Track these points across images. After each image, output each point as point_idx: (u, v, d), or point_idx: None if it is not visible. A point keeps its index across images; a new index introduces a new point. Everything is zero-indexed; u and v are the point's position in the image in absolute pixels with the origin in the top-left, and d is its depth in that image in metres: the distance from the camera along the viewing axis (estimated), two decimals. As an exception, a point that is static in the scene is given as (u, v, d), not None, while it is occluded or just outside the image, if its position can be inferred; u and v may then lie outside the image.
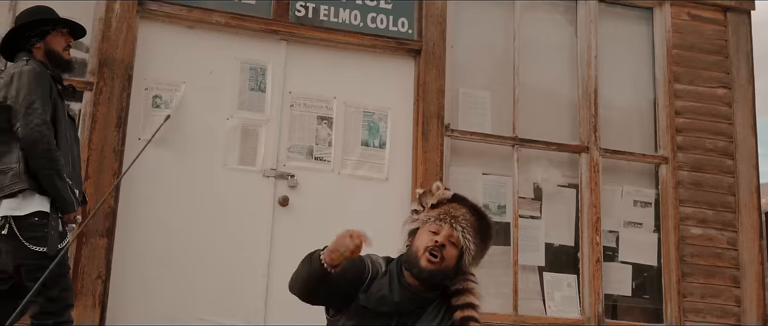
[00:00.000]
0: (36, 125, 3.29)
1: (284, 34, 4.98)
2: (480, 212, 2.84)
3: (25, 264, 3.29)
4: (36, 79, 3.35)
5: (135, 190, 4.53)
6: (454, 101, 5.17)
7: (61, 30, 3.65)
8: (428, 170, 4.87)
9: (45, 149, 3.27)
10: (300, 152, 4.88)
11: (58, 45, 3.61)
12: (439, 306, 2.74)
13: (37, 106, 3.33)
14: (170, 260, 4.52)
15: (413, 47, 5.13)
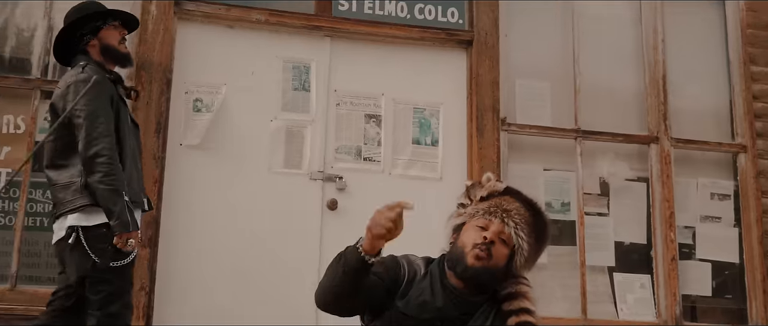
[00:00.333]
0: (96, 139, 3.14)
1: (328, 29, 4.74)
2: (536, 207, 2.53)
3: (90, 277, 3.16)
4: (94, 88, 3.15)
5: (177, 197, 4.34)
6: (510, 94, 4.85)
7: (112, 23, 3.50)
8: (484, 167, 4.55)
9: (105, 166, 3.12)
10: (348, 152, 4.62)
11: (112, 39, 3.47)
12: (487, 310, 2.41)
13: (100, 118, 3.18)
14: (215, 268, 4.31)
15: (464, 38, 4.83)
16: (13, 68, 4.43)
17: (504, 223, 2.39)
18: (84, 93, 3.12)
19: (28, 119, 4.32)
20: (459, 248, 2.43)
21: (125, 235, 3.13)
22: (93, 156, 3.13)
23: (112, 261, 3.11)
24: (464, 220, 2.53)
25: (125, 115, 3.38)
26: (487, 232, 2.38)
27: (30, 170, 4.24)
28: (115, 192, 3.12)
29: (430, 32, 4.82)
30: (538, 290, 4.55)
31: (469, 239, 2.40)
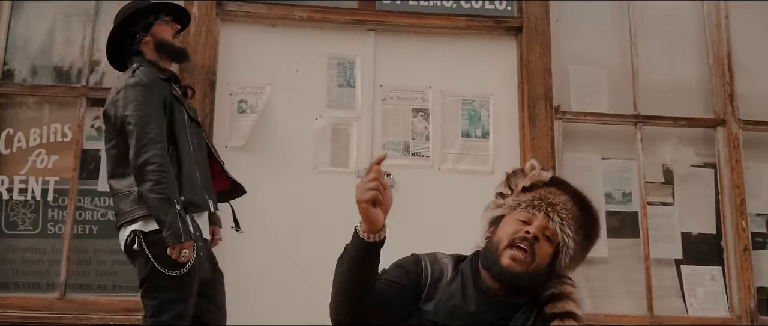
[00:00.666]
0: (146, 146, 3.05)
1: (371, 23, 4.61)
2: (585, 201, 2.27)
3: (147, 282, 3.10)
4: (144, 93, 3.11)
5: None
6: (563, 81, 4.63)
7: (164, 18, 3.42)
8: (538, 158, 4.33)
9: (155, 174, 3.02)
10: (395, 148, 4.48)
11: (166, 34, 3.39)
12: (528, 312, 2.15)
13: (151, 123, 3.08)
14: (261, 269, 4.23)
15: (513, 25, 4.64)
16: (59, 77, 4.45)
17: (549, 218, 2.14)
18: (134, 98, 3.06)
19: (74, 127, 4.32)
20: (495, 244, 2.17)
21: (178, 246, 3.01)
22: (143, 164, 3.03)
23: (168, 269, 3.03)
24: (503, 212, 2.27)
25: (181, 115, 3.28)
26: (529, 226, 2.13)
27: (77, 179, 4.25)
28: (166, 201, 3.00)
29: (477, 21, 4.63)
30: (599, 285, 4.39)
31: (507, 234, 2.15)
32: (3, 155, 4.30)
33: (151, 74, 3.23)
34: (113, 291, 4.18)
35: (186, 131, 3.26)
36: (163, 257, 3.02)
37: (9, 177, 4.27)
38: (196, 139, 3.34)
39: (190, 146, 3.25)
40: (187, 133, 3.26)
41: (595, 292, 4.37)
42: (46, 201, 4.26)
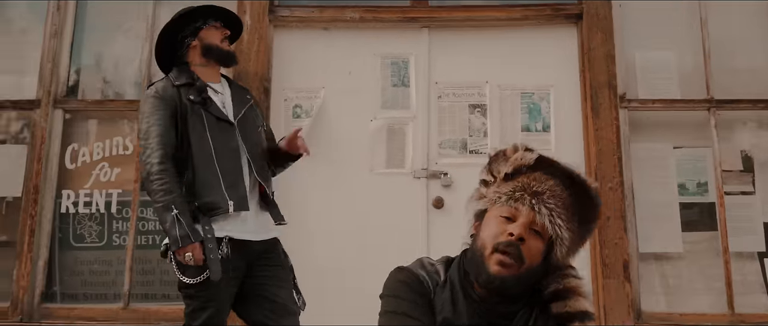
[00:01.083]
0: (145, 157, 3.03)
1: (424, 20, 4.50)
2: (578, 181, 1.95)
3: (179, 289, 3.10)
4: (151, 106, 3.10)
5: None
6: (629, 67, 4.39)
7: (213, 23, 3.39)
8: (602, 150, 4.14)
9: (155, 183, 2.98)
10: (452, 146, 4.36)
11: (214, 38, 3.34)
12: (526, 314, 1.90)
13: (151, 135, 3.06)
14: (319, 272, 4.16)
15: (572, 12, 4.43)
16: (118, 92, 4.55)
17: (535, 211, 1.84)
18: (143, 112, 3.09)
19: (134, 139, 4.41)
20: (479, 248, 1.88)
21: (181, 250, 2.95)
22: (146, 176, 3.04)
23: (188, 278, 3.01)
24: (485, 206, 1.99)
25: (198, 118, 3.16)
26: (513, 225, 1.84)
27: (139, 190, 4.33)
28: (164, 209, 2.96)
29: (533, 10, 4.46)
30: (674, 282, 4.12)
31: (491, 237, 1.86)
32: (69, 170, 4.43)
33: (164, 86, 3.21)
34: (176, 300, 4.21)
35: (206, 133, 3.16)
36: (183, 265, 3.00)
37: (75, 191, 4.39)
38: (224, 138, 3.22)
39: (211, 148, 3.15)
40: (208, 135, 3.17)
41: (670, 289, 4.11)
42: (111, 213, 4.36)
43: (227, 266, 3.02)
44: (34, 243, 4.24)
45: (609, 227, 4.02)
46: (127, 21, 4.65)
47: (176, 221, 2.93)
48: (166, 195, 2.96)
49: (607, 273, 3.94)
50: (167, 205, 2.94)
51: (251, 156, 3.19)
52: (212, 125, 3.18)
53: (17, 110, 4.51)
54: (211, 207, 3.03)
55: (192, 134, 3.09)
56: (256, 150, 3.25)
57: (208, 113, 3.20)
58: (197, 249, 2.94)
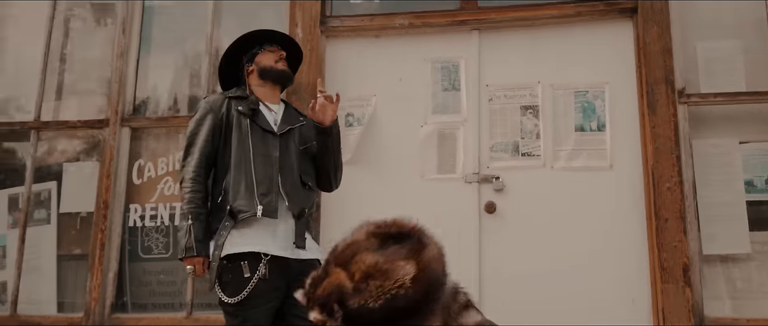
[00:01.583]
0: (184, 166, 3.18)
1: (474, 22, 4.45)
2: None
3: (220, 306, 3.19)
4: (201, 114, 3.27)
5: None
6: (689, 60, 4.19)
7: (268, 47, 3.52)
8: (659, 148, 3.96)
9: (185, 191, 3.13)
10: (504, 150, 4.28)
11: (269, 60, 3.48)
12: None
13: (190, 145, 3.21)
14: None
15: (627, 6, 4.27)
16: (181, 109, 4.72)
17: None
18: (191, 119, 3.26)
19: (195, 153, 4.57)
20: None
21: (185, 261, 3.07)
22: (181, 181, 3.19)
23: (227, 296, 3.05)
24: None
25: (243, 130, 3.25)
26: None
27: (200, 202, 4.47)
28: (183, 217, 3.14)
29: (586, 6, 4.32)
30: (742, 286, 3.91)
31: None
32: (136, 185, 4.64)
33: (215, 97, 3.36)
34: (238, 308, 4.35)
35: (248, 141, 3.24)
36: (227, 283, 3.05)
37: (141, 205, 4.60)
38: (265, 149, 3.27)
39: (251, 155, 3.22)
40: (250, 143, 3.24)
41: (737, 294, 3.89)
42: (175, 226, 4.54)
43: (265, 285, 3.05)
44: (104, 256, 4.46)
45: (667, 229, 3.84)
46: (188, 40, 4.82)
47: (188, 231, 3.05)
48: (188, 204, 3.10)
49: (666, 278, 3.78)
50: (186, 214, 3.09)
51: (284, 170, 3.25)
52: (256, 134, 3.27)
53: (88, 129, 4.77)
54: (240, 210, 3.08)
55: (234, 141, 3.20)
56: (291, 165, 3.31)
57: (254, 123, 3.30)
58: (200, 264, 3.04)
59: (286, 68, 3.52)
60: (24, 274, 4.58)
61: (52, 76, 4.93)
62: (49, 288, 4.58)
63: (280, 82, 3.52)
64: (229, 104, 3.31)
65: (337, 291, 1.78)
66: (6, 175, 4.85)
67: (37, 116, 4.82)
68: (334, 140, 3.45)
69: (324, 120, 3.36)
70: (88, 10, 5.02)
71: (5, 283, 4.62)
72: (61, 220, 4.70)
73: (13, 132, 4.88)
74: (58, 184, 4.76)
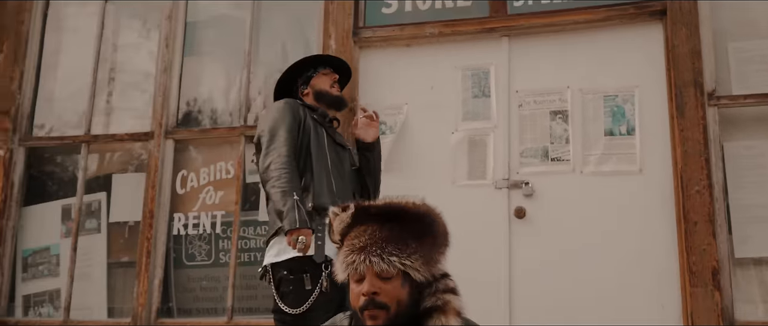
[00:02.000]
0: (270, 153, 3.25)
1: (503, 29, 4.48)
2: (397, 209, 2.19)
3: (274, 312, 3.30)
4: (277, 112, 3.38)
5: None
6: (721, 62, 4.15)
7: (322, 70, 3.69)
8: (687, 151, 3.94)
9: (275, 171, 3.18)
10: (534, 155, 4.31)
11: (324, 84, 3.65)
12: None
13: (278, 134, 3.29)
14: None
15: (656, 9, 4.25)
16: (221, 121, 4.90)
17: (371, 264, 2.06)
18: (267, 117, 3.36)
19: (235, 163, 4.74)
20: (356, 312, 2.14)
21: (295, 232, 3.08)
22: (266, 167, 3.24)
23: (287, 307, 3.16)
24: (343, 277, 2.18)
25: (320, 134, 3.44)
26: (362, 285, 2.08)
27: (239, 211, 4.64)
28: (284, 194, 3.12)
29: (615, 10, 4.31)
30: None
31: (354, 302, 2.12)
32: (179, 195, 4.83)
33: (294, 101, 3.50)
34: (277, 313, 4.50)
35: (325, 147, 3.43)
36: (287, 294, 3.17)
37: (185, 214, 4.79)
38: (337, 157, 3.48)
39: (328, 160, 3.40)
40: (326, 149, 3.43)
41: (775, 297, 3.86)
42: (216, 234, 4.71)
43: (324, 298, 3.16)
44: (150, 263, 4.66)
45: (696, 232, 3.82)
46: (226, 54, 5.00)
47: (296, 206, 3.09)
48: (289, 183, 3.15)
49: (695, 282, 3.76)
50: (289, 191, 3.13)
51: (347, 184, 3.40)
52: (330, 145, 3.45)
53: (134, 141, 4.98)
54: (324, 208, 3.18)
55: (313, 144, 3.35)
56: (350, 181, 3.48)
57: (328, 133, 3.45)
58: (309, 235, 3.09)
59: (340, 93, 3.66)
60: (76, 281, 4.82)
61: (101, 91, 5.16)
62: (99, 294, 4.81)
63: (334, 106, 3.67)
64: (305, 110, 3.46)
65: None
66: (59, 186, 5.12)
67: (87, 130, 5.07)
68: (376, 156, 3.60)
69: (366, 137, 3.51)
70: (134, 27, 5.24)
71: (59, 290, 4.88)
72: (111, 229, 4.93)
73: (65, 146, 5.14)
74: (107, 194, 4.99)
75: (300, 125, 3.38)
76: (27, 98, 5.22)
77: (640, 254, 3.98)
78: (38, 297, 4.96)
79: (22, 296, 4.98)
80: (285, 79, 3.74)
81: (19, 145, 5.13)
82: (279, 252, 3.26)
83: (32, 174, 5.17)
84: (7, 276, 4.99)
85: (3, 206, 5.01)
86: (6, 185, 5.05)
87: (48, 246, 5.01)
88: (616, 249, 4.02)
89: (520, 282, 4.12)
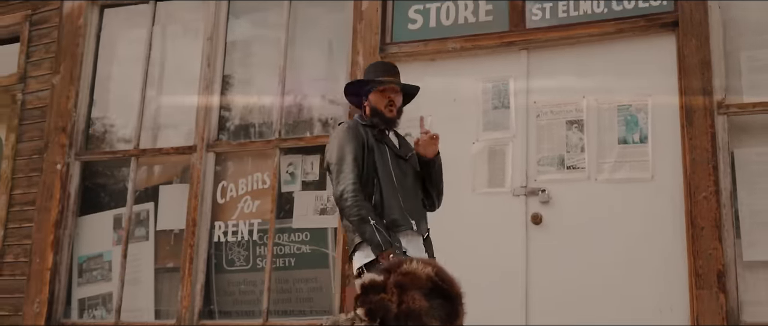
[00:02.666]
0: (341, 181, 3.50)
1: (522, 43, 4.70)
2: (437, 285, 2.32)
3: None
4: (341, 139, 3.62)
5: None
6: (733, 70, 4.27)
7: (379, 88, 3.84)
8: (696, 159, 4.08)
9: (349, 200, 3.44)
10: (550, 163, 4.50)
11: (379, 103, 3.81)
12: None
13: (345, 161, 3.54)
14: (426, 294, 4.52)
15: (668, 20, 4.40)
16: (257, 134, 5.22)
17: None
18: (333, 146, 3.61)
19: (271, 174, 5.05)
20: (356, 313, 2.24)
21: (383, 255, 3.34)
22: (339, 195, 3.49)
23: None
24: None
25: (383, 153, 3.66)
26: None
27: (275, 219, 4.95)
28: (362, 221, 3.41)
29: (628, 23, 4.48)
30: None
31: None
32: (219, 204, 5.17)
33: (354, 124, 3.73)
34: (310, 314, 4.79)
35: (389, 165, 3.65)
36: None
37: (224, 222, 5.12)
38: (401, 171, 3.70)
39: (393, 177, 3.63)
40: (391, 167, 3.65)
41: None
42: (253, 240, 5.03)
43: None
44: (193, 269, 5.01)
45: (702, 237, 3.96)
46: (262, 72, 5.33)
47: (376, 230, 3.37)
48: (362, 210, 3.42)
49: (700, 284, 3.90)
50: (364, 218, 3.41)
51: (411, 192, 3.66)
52: (393, 159, 3.69)
53: (179, 154, 5.35)
54: (396, 224, 3.48)
55: (378, 163, 3.59)
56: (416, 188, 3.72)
57: (389, 148, 3.71)
58: (393, 252, 3.35)
59: (394, 113, 3.85)
60: (126, 285, 5.21)
61: (149, 107, 5.55)
62: (147, 298, 5.18)
63: (384, 126, 3.90)
64: (365, 130, 3.70)
65: (383, 309, 2.19)
66: (111, 197, 5.52)
67: (137, 144, 5.46)
68: (437, 169, 3.84)
69: (427, 154, 3.76)
70: (178, 48, 5.61)
71: (111, 294, 5.27)
72: (158, 237, 5.30)
73: (116, 160, 5.54)
74: (155, 204, 5.37)
75: (363, 146, 3.62)
76: (82, 115, 5.65)
77: (652, 258, 4.13)
78: (92, 300, 5.36)
79: (78, 299, 5.40)
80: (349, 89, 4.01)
81: (74, 159, 5.56)
82: (367, 255, 3.47)
83: (87, 186, 5.59)
84: (64, 281, 5.41)
85: (60, 216, 5.43)
86: (63, 196, 5.47)
87: (101, 253, 5.41)
88: (627, 253, 4.17)
89: (538, 286, 4.31)
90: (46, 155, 5.57)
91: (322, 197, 4.98)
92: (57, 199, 5.47)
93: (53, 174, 5.52)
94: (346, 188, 3.45)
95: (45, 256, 5.39)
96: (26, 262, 5.46)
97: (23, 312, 5.34)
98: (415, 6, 5.02)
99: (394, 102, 3.82)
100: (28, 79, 5.83)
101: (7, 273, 5.55)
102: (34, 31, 5.90)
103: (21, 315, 5.36)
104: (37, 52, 5.87)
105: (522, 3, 4.75)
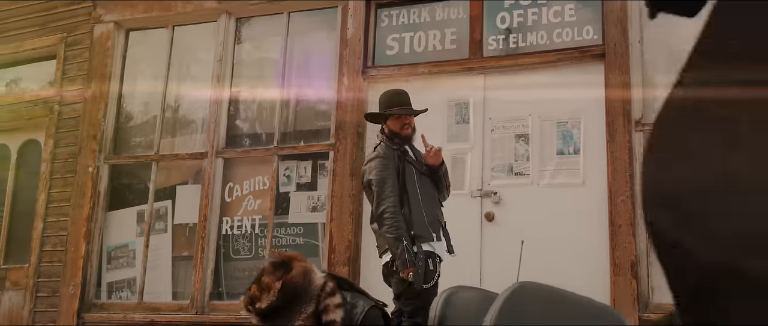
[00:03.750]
0: (383, 201, 4.28)
1: (480, 68, 5.60)
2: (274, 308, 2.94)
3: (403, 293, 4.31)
4: (381, 163, 4.40)
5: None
6: (649, 94, 5.14)
7: (395, 115, 4.58)
8: (616, 169, 4.98)
9: (388, 220, 4.22)
10: (501, 170, 5.41)
11: (395, 126, 4.57)
12: None
13: (386, 184, 4.32)
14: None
15: (597, 52, 5.29)
16: (259, 143, 6.15)
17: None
18: (374, 167, 4.40)
19: (270, 178, 5.97)
20: None
21: (406, 270, 4.15)
22: (381, 213, 4.29)
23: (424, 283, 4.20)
24: None
25: (411, 173, 4.45)
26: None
27: (273, 216, 5.88)
28: (397, 239, 4.19)
29: (565, 53, 5.38)
30: None
31: None
32: (227, 202, 6.10)
33: (387, 150, 4.50)
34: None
35: (415, 183, 4.45)
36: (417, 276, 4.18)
37: (231, 218, 6.06)
38: (424, 188, 4.48)
39: (419, 195, 4.44)
40: (416, 185, 4.45)
41: None
42: (255, 233, 5.96)
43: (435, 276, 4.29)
44: (204, 257, 5.94)
45: (620, 233, 4.87)
46: (264, 89, 6.25)
47: (406, 250, 4.16)
48: (398, 230, 4.21)
49: (617, 272, 4.80)
50: (399, 237, 4.20)
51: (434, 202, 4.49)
52: (418, 176, 4.48)
53: (192, 159, 6.28)
54: (420, 236, 4.29)
55: (407, 182, 4.40)
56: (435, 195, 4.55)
57: (414, 167, 4.50)
58: (414, 270, 4.18)
59: (409, 131, 4.57)
60: (148, 271, 6.16)
61: (167, 119, 6.49)
62: (165, 282, 6.13)
63: (403, 143, 4.67)
64: (394, 153, 4.46)
65: (249, 299, 3.07)
66: (134, 196, 6.46)
67: (157, 150, 6.39)
68: (443, 172, 4.63)
69: (435, 163, 4.58)
70: (192, 69, 6.54)
71: (135, 278, 6.23)
72: (175, 229, 6.24)
73: (139, 163, 6.49)
74: (172, 202, 6.30)
75: (396, 168, 4.41)
76: (110, 125, 6.59)
77: (581, 250, 5.03)
78: (119, 284, 6.31)
79: (107, 283, 6.36)
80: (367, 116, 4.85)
81: (104, 163, 6.50)
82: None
83: (114, 186, 6.54)
84: (95, 267, 6.36)
85: (92, 211, 6.38)
86: (94, 194, 6.41)
87: (126, 243, 6.36)
88: (563, 246, 5.08)
89: (490, 274, 5.22)
90: (80, 159, 6.52)
91: (313, 197, 5.91)
92: (89, 197, 6.41)
93: (85, 175, 6.46)
94: (387, 209, 4.26)
95: (79, 246, 6.34)
96: (62, 251, 6.41)
97: (60, 293, 6.30)
98: (393, 35, 5.93)
99: (408, 124, 4.63)
100: (64, 94, 6.77)
101: (46, 260, 6.51)
102: (68, 52, 6.84)
103: (58, 295, 6.32)
104: (71, 69, 6.81)
105: (480, 35, 5.65)
